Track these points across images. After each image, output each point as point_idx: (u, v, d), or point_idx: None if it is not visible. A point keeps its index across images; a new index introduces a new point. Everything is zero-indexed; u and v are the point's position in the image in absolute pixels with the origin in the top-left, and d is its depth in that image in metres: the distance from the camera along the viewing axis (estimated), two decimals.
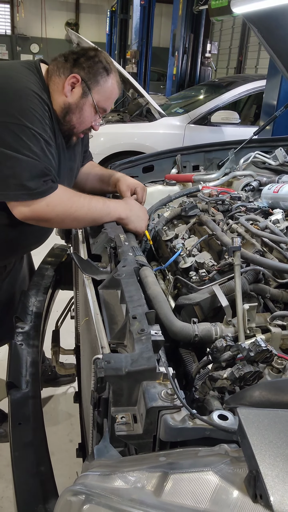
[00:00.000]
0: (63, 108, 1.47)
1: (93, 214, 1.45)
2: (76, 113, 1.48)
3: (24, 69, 1.46)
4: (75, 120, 1.50)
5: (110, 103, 1.54)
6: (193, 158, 2.34)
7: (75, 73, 1.45)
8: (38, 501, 0.90)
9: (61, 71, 1.46)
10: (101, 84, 1.47)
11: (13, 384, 1.19)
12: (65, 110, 1.47)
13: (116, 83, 1.52)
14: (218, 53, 14.21)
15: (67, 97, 1.46)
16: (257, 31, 1.88)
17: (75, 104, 1.47)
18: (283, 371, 0.95)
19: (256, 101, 5.78)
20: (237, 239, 1.19)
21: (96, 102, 1.48)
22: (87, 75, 1.46)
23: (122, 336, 0.97)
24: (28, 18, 17.11)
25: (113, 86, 1.51)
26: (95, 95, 1.47)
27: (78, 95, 1.46)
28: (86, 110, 1.49)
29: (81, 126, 1.53)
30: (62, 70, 1.46)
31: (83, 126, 1.53)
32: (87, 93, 1.46)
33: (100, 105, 1.50)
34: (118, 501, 0.60)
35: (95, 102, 1.48)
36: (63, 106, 1.47)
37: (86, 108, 1.48)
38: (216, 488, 0.58)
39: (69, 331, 2.09)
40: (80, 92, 1.46)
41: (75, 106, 1.47)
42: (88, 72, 1.46)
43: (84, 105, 1.48)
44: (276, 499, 0.52)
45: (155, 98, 5.64)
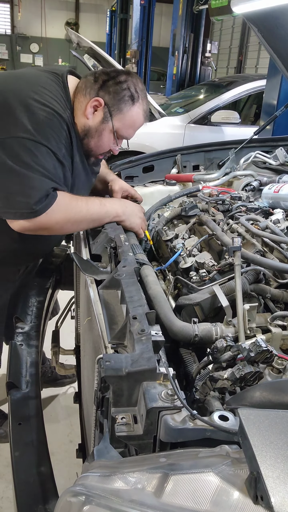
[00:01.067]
0: (82, 129, 1.44)
1: (92, 215, 1.44)
2: (95, 137, 1.45)
3: (50, 82, 1.41)
4: (92, 144, 1.47)
5: (132, 132, 1.50)
6: (193, 158, 2.34)
7: (100, 96, 1.41)
8: (38, 502, 0.90)
9: (87, 91, 1.43)
10: (124, 112, 1.43)
11: (13, 384, 1.19)
12: (84, 132, 1.45)
13: (142, 112, 1.47)
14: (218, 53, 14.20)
15: (88, 119, 1.43)
16: (257, 30, 1.88)
17: (95, 128, 1.44)
18: (284, 372, 0.94)
19: (256, 101, 5.77)
20: (238, 239, 1.19)
21: (116, 129, 1.44)
22: (111, 100, 1.41)
23: (123, 336, 0.96)
24: (27, 18, 17.11)
25: (137, 115, 1.46)
26: (116, 122, 1.43)
27: (99, 119, 1.43)
28: (104, 136, 1.45)
29: (98, 150, 1.50)
30: (88, 90, 1.43)
31: (101, 150, 1.51)
32: (108, 119, 1.42)
33: (120, 133, 1.46)
34: (118, 502, 0.60)
35: (114, 129, 1.44)
36: (83, 128, 1.44)
37: (105, 133, 1.45)
38: (216, 489, 0.58)
39: (69, 331, 2.09)
40: (101, 117, 1.42)
41: (95, 130, 1.44)
42: (113, 98, 1.41)
43: (104, 130, 1.44)
44: (277, 501, 0.52)
45: (155, 97, 5.64)
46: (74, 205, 1.40)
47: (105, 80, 1.42)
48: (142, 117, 1.48)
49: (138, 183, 2.14)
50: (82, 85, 1.44)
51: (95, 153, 1.52)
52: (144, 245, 1.63)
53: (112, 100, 1.41)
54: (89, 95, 1.42)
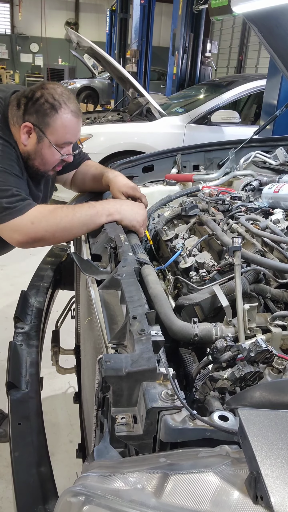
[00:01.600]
0: (24, 156, 1.50)
1: (79, 218, 1.43)
2: (38, 159, 1.51)
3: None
4: (37, 164, 1.52)
5: (71, 135, 1.52)
6: (193, 158, 2.34)
7: (27, 120, 1.45)
8: (38, 502, 0.90)
9: (15, 120, 1.48)
10: (52, 124, 1.46)
11: (13, 384, 1.19)
12: (26, 158, 1.51)
13: (70, 114, 1.48)
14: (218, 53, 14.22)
15: (25, 146, 1.48)
16: (257, 30, 1.88)
17: (33, 151, 1.49)
18: (284, 372, 0.94)
19: (257, 101, 5.78)
20: (238, 239, 1.19)
21: (54, 142, 1.48)
22: (36, 120, 1.45)
23: (122, 336, 0.96)
24: (27, 18, 17.11)
25: (66, 120, 1.47)
26: (50, 136, 1.47)
27: (34, 141, 1.48)
28: (46, 153, 1.50)
29: (46, 167, 1.55)
30: (15, 119, 1.48)
31: (49, 166, 1.55)
32: (42, 137, 1.47)
33: (60, 142, 1.50)
34: (118, 502, 0.60)
35: (52, 143, 1.48)
36: (24, 155, 1.50)
37: (45, 151, 1.49)
38: (216, 489, 0.58)
39: (69, 331, 2.09)
40: (35, 138, 1.47)
41: (34, 153, 1.49)
42: (37, 117, 1.45)
43: (42, 149, 1.49)
44: (277, 501, 0.52)
45: (155, 97, 5.63)
46: (58, 211, 1.42)
47: (25, 103, 1.46)
48: (73, 118, 1.49)
49: (138, 183, 2.14)
50: (10, 116, 1.49)
51: (45, 170, 1.56)
52: (144, 245, 1.63)
53: (37, 119, 1.45)
54: (17, 124, 1.48)
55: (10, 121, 1.49)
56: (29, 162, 1.51)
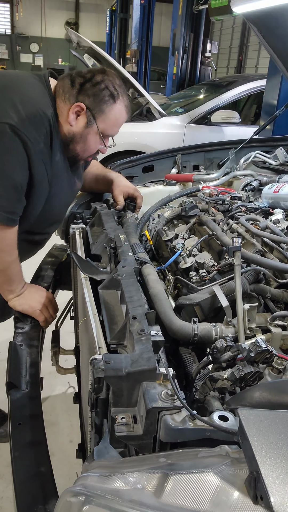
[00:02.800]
0: (67, 136, 1.44)
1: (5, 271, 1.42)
2: (80, 143, 1.45)
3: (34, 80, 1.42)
4: (78, 149, 1.47)
5: (117, 130, 1.50)
6: (193, 158, 2.34)
7: (80, 101, 1.39)
8: (38, 502, 0.90)
9: (66, 96, 1.41)
10: (106, 112, 1.42)
11: (13, 384, 1.19)
12: (69, 139, 1.44)
13: (124, 108, 1.46)
14: (218, 53, 14.20)
15: (71, 126, 1.42)
16: (257, 30, 1.88)
17: (80, 134, 1.43)
18: (284, 372, 0.94)
19: (256, 101, 5.77)
20: (237, 239, 1.19)
21: (101, 130, 1.44)
22: (92, 103, 1.40)
23: (122, 336, 0.97)
24: (27, 18, 17.10)
25: (120, 113, 1.45)
26: (100, 124, 1.43)
27: (83, 124, 1.42)
28: (90, 140, 1.45)
29: (85, 154, 1.51)
30: (67, 95, 1.41)
31: (87, 153, 1.51)
32: (92, 122, 1.42)
33: (106, 133, 1.46)
34: (118, 502, 0.60)
35: (100, 131, 1.44)
36: (67, 135, 1.43)
37: (90, 137, 1.44)
38: (216, 489, 0.58)
39: (69, 331, 2.09)
40: (85, 121, 1.41)
41: (79, 136, 1.43)
42: (93, 101, 1.40)
43: (89, 134, 1.44)
44: (277, 501, 0.52)
45: (155, 97, 5.63)
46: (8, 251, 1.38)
47: (82, 83, 1.40)
48: (125, 113, 1.47)
49: (138, 183, 2.14)
50: (60, 89, 1.43)
51: (82, 157, 1.52)
52: (144, 245, 1.63)
53: (93, 103, 1.40)
54: (68, 100, 1.40)
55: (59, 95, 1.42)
56: (70, 145, 1.45)
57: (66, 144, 1.45)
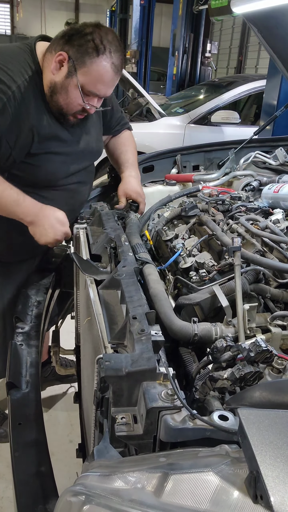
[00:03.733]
0: (49, 86, 1.41)
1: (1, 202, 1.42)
2: (62, 94, 1.40)
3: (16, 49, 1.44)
4: (61, 101, 1.42)
5: (102, 87, 1.41)
6: (193, 158, 2.34)
7: (65, 50, 1.35)
8: (38, 502, 0.90)
9: (53, 47, 1.39)
10: (88, 65, 1.35)
11: (13, 384, 1.19)
12: (51, 89, 1.41)
13: (110, 65, 1.36)
14: (218, 53, 14.21)
15: (53, 75, 1.39)
16: (257, 31, 1.88)
17: (60, 83, 1.39)
18: (283, 372, 0.95)
19: (256, 101, 5.77)
20: (237, 239, 1.19)
21: (81, 84, 1.38)
22: (75, 54, 1.35)
23: (122, 336, 0.97)
24: (27, 18, 17.12)
25: (103, 68, 1.36)
26: (81, 77, 1.37)
27: (64, 74, 1.37)
28: (71, 92, 1.40)
29: (69, 108, 1.44)
30: (55, 46, 1.39)
31: (72, 107, 1.44)
32: (73, 73, 1.36)
33: (87, 88, 1.39)
34: (118, 501, 0.60)
35: (80, 84, 1.38)
36: (49, 85, 1.41)
37: (71, 89, 1.39)
38: (216, 489, 0.58)
39: (69, 331, 2.09)
40: (66, 71, 1.37)
41: (60, 86, 1.39)
42: (77, 51, 1.34)
43: (69, 85, 1.39)
44: (277, 500, 0.52)
45: (155, 98, 5.63)
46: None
47: (71, 34, 1.37)
48: (110, 70, 1.38)
49: None
50: (51, 44, 1.42)
51: (67, 112, 1.46)
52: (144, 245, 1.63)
53: (76, 53, 1.35)
54: (55, 50, 1.38)
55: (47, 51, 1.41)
56: (53, 97, 1.41)
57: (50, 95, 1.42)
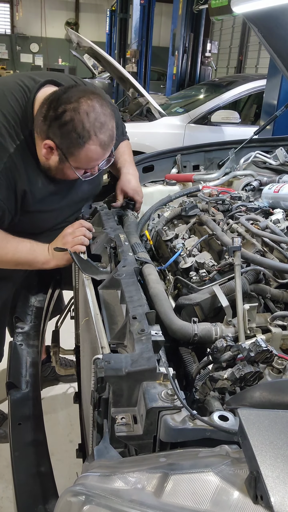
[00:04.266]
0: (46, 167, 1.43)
1: (18, 259, 1.44)
2: (58, 173, 1.44)
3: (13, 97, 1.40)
4: (59, 177, 1.46)
5: (94, 164, 1.43)
6: (193, 158, 2.34)
7: (51, 138, 1.34)
8: (38, 502, 0.90)
9: (38, 130, 1.38)
10: (76, 154, 1.35)
11: (13, 384, 1.19)
12: (46, 169, 1.44)
13: (98, 147, 1.35)
14: (218, 53, 14.21)
15: (46, 160, 1.41)
16: (257, 30, 1.88)
17: (55, 168, 1.41)
18: (284, 372, 0.95)
19: (257, 101, 5.77)
20: (238, 239, 1.19)
21: (75, 167, 1.40)
22: (61, 143, 1.34)
23: (122, 336, 0.96)
24: (27, 18, 17.11)
25: (91, 152, 1.36)
26: (73, 163, 1.38)
27: (56, 161, 1.39)
28: (67, 172, 1.42)
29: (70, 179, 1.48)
30: (39, 129, 1.37)
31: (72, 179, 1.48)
32: (64, 160, 1.38)
33: (82, 168, 1.41)
34: (118, 502, 0.60)
35: (73, 168, 1.40)
36: (45, 166, 1.43)
37: (66, 170, 1.41)
38: (216, 489, 0.58)
39: (69, 331, 2.09)
40: (57, 159, 1.39)
41: (55, 169, 1.42)
42: (63, 141, 1.34)
43: (64, 168, 1.41)
44: (277, 500, 0.52)
45: (155, 97, 5.63)
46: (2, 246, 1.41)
47: (52, 119, 1.33)
48: (100, 150, 1.37)
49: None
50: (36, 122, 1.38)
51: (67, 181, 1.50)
52: (144, 245, 1.63)
53: (63, 143, 1.34)
54: (41, 136, 1.37)
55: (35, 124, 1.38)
56: (49, 173, 1.44)
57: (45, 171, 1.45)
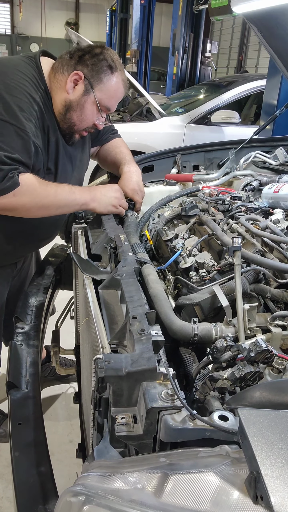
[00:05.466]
0: (64, 105, 1.46)
1: (59, 201, 1.45)
2: (77, 111, 1.47)
3: (22, 64, 1.45)
4: (75, 118, 1.49)
5: (114, 102, 1.53)
6: (193, 158, 2.34)
7: (79, 70, 1.44)
8: (38, 502, 0.90)
9: (65, 68, 1.46)
10: (104, 82, 1.46)
11: (13, 384, 1.19)
12: (66, 107, 1.47)
13: (122, 82, 1.50)
14: (218, 53, 14.22)
15: (68, 94, 1.45)
16: (257, 30, 1.88)
17: (76, 101, 1.46)
18: (284, 371, 0.94)
19: (256, 101, 5.77)
20: (238, 239, 1.19)
21: (98, 100, 1.47)
22: (90, 72, 1.44)
23: (122, 336, 0.96)
24: (28, 18, 17.11)
25: (117, 84, 1.49)
26: (98, 93, 1.46)
27: (80, 92, 1.45)
28: (87, 108, 1.48)
29: (81, 124, 1.51)
30: (66, 67, 1.46)
31: (84, 124, 1.52)
32: (90, 90, 1.45)
33: (103, 103, 1.49)
34: (118, 502, 0.60)
35: (97, 100, 1.47)
36: (64, 104, 1.46)
37: (87, 105, 1.47)
38: (216, 489, 0.58)
39: (69, 331, 2.09)
40: (82, 90, 1.45)
41: (76, 104, 1.46)
42: (92, 70, 1.44)
43: (86, 102, 1.47)
44: (277, 500, 0.52)
45: (155, 97, 5.63)
46: (42, 189, 1.40)
47: (81, 55, 1.46)
48: (122, 87, 1.51)
49: None
50: (59, 65, 1.47)
51: (78, 128, 1.52)
52: (144, 245, 1.63)
53: (91, 71, 1.44)
54: (67, 71, 1.45)
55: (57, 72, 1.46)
56: (67, 113, 1.47)
57: (63, 113, 1.47)
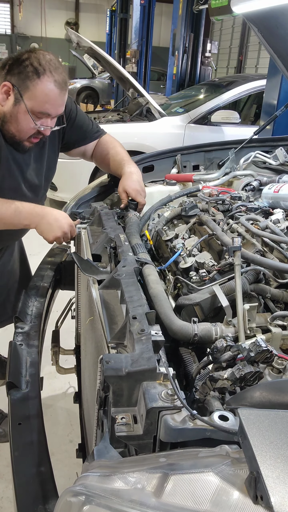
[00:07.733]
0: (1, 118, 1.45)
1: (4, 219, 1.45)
2: (13, 122, 1.44)
3: None
4: (13, 129, 1.46)
5: (50, 106, 1.44)
6: (193, 158, 2.34)
7: (8, 80, 1.40)
8: (38, 502, 0.90)
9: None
10: (31, 88, 1.40)
11: (13, 384, 1.19)
12: (1, 120, 1.45)
13: (53, 83, 1.41)
14: (218, 53, 14.22)
15: (2, 106, 1.43)
16: (257, 30, 1.88)
17: (9, 113, 1.43)
18: (284, 372, 0.94)
19: (256, 101, 5.78)
20: (238, 239, 1.19)
21: (30, 108, 1.41)
22: (17, 81, 1.40)
23: (122, 336, 0.96)
24: (28, 18, 17.13)
25: (47, 88, 1.40)
26: (27, 101, 1.41)
27: (11, 103, 1.42)
28: (21, 118, 1.43)
29: (22, 134, 1.48)
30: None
31: (24, 134, 1.48)
32: (19, 100, 1.41)
33: (36, 110, 1.43)
34: (118, 502, 0.60)
35: (28, 109, 1.41)
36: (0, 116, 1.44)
37: (20, 116, 1.43)
38: (216, 489, 0.58)
39: (69, 331, 2.09)
40: (13, 100, 1.41)
41: (10, 115, 1.43)
42: (18, 78, 1.39)
43: (18, 113, 1.42)
44: (277, 500, 0.52)
45: (155, 97, 5.63)
46: None
47: (10, 64, 1.42)
48: (54, 88, 1.42)
49: None
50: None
51: (20, 138, 1.49)
52: (144, 245, 1.62)
53: (18, 80, 1.40)
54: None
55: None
56: (4, 125, 1.45)
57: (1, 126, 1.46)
